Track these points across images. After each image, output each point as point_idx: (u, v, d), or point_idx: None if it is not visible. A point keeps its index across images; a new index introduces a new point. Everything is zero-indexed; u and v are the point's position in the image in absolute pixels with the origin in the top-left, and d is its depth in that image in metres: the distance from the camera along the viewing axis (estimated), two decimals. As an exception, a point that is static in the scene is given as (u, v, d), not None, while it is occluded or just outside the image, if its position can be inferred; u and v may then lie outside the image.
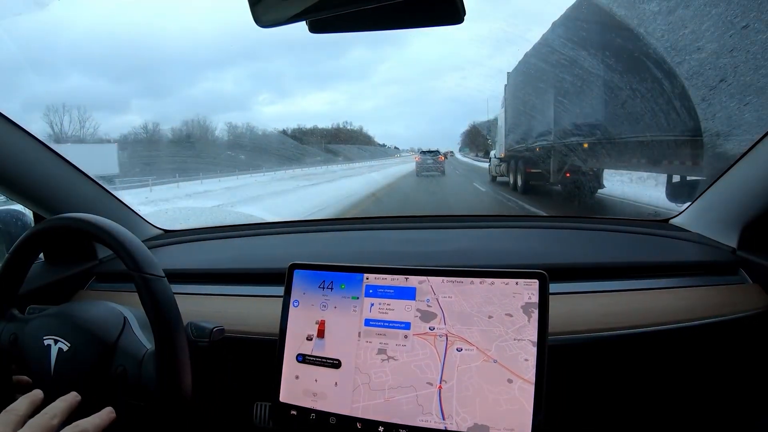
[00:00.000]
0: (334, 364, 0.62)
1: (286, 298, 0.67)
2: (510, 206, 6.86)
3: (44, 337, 0.61)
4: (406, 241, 1.03)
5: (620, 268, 0.83)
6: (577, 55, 4.99)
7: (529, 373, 0.55)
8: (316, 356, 0.63)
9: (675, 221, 0.99)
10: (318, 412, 0.62)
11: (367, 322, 0.62)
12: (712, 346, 0.72)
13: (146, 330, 0.62)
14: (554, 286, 0.59)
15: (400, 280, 0.63)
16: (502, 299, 0.58)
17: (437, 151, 15.27)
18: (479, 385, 0.56)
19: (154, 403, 0.58)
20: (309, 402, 0.62)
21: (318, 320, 0.64)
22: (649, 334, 0.69)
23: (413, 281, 0.62)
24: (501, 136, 8.89)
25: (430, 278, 0.62)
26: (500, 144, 9.08)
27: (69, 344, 0.60)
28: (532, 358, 0.55)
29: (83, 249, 0.98)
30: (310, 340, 0.64)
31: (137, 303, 0.59)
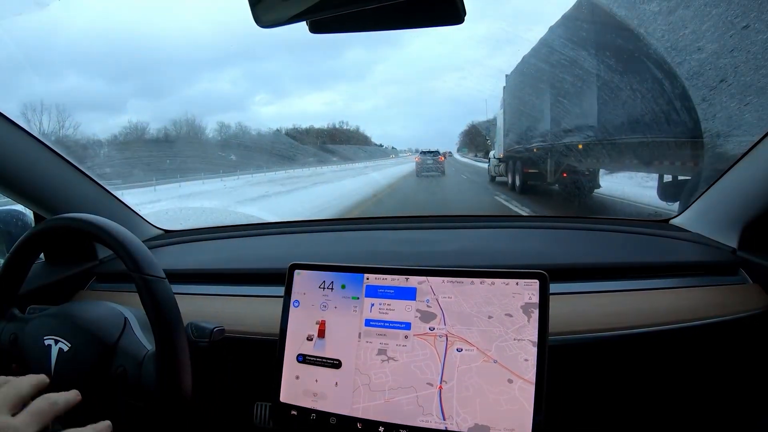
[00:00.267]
0: (335, 365, 0.62)
1: (287, 298, 0.67)
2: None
3: (44, 337, 0.61)
4: (406, 241, 1.03)
5: (620, 268, 0.83)
6: (576, 55, 4.98)
7: (529, 373, 0.55)
8: (317, 356, 0.63)
9: (675, 221, 0.99)
10: (318, 413, 0.62)
11: (368, 323, 0.62)
12: (712, 347, 0.72)
13: (146, 330, 0.62)
14: (554, 287, 0.59)
15: (400, 281, 0.63)
16: (502, 299, 0.58)
17: (437, 152, 15.30)
18: (479, 386, 0.56)
19: (154, 403, 0.58)
20: (309, 402, 0.62)
21: (318, 320, 0.64)
22: (649, 334, 0.69)
23: (413, 281, 0.62)
24: (500, 137, 8.90)
25: (430, 278, 0.62)
26: (499, 144, 9.09)
27: (69, 344, 0.60)
28: (532, 359, 0.55)
29: (84, 249, 0.98)
30: (311, 340, 0.64)
31: (138, 303, 0.59)
